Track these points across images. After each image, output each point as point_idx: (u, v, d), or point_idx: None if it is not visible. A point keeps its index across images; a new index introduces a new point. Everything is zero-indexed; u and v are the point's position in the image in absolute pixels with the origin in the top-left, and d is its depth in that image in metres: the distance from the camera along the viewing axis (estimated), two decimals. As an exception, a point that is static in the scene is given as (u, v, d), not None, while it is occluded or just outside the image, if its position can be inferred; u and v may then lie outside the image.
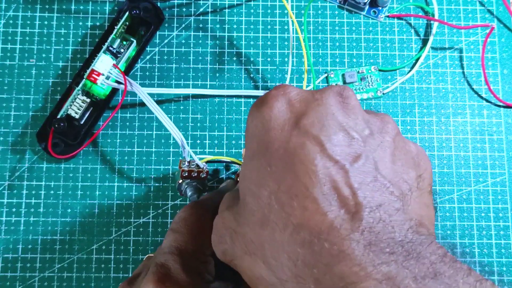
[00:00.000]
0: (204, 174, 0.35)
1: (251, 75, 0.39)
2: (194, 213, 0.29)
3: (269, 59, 0.39)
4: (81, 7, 0.40)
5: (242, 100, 0.39)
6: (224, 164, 0.38)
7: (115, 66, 0.35)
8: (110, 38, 0.36)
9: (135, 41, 0.37)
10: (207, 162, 0.36)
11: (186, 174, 0.35)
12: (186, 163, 0.34)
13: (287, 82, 0.38)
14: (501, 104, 0.39)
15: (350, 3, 0.40)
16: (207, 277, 0.27)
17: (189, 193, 0.35)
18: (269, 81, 0.39)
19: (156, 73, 0.39)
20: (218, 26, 0.40)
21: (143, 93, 0.34)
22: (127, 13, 0.36)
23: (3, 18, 0.39)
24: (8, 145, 0.38)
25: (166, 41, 0.39)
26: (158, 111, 0.34)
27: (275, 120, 0.22)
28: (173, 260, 0.26)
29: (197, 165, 0.35)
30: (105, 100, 0.37)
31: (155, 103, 0.34)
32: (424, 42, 0.40)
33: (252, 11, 0.40)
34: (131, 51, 0.37)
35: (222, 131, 0.38)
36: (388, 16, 0.40)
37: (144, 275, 0.27)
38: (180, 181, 0.35)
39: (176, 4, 0.40)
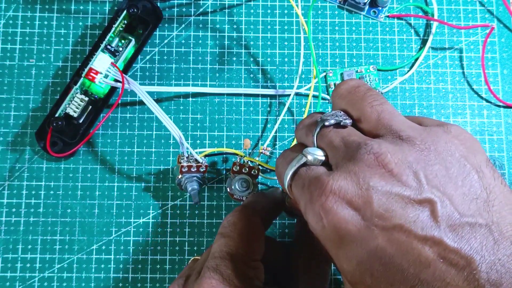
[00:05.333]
0: (203, 168, 0.35)
1: (251, 75, 0.39)
2: (243, 218, 0.28)
3: (269, 59, 0.39)
4: (81, 7, 0.40)
5: (242, 99, 0.39)
6: (223, 157, 0.38)
7: (113, 64, 0.35)
8: (108, 37, 0.36)
9: (133, 39, 0.37)
10: (206, 155, 0.36)
11: (186, 169, 0.35)
12: (185, 158, 0.34)
13: (296, 83, 0.38)
14: (501, 104, 0.39)
15: (350, 3, 0.40)
16: (257, 283, 0.27)
17: (189, 188, 0.35)
18: (269, 81, 0.39)
19: (156, 73, 0.39)
20: (218, 26, 0.40)
21: (141, 91, 0.34)
22: (125, 11, 0.36)
23: (3, 18, 0.39)
24: (8, 145, 0.38)
25: (166, 41, 0.39)
26: (155, 108, 0.34)
27: (349, 232, 0.21)
28: (225, 265, 0.26)
29: (196, 160, 0.35)
30: (104, 99, 0.37)
31: (152, 100, 0.34)
32: (424, 42, 0.40)
33: (252, 11, 0.40)
34: (129, 49, 0.37)
35: (222, 131, 0.38)
36: (388, 16, 0.40)
37: (195, 278, 0.27)
38: (180, 176, 0.35)
39: (176, 4, 0.40)
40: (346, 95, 0.25)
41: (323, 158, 0.24)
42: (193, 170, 0.35)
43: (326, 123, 0.24)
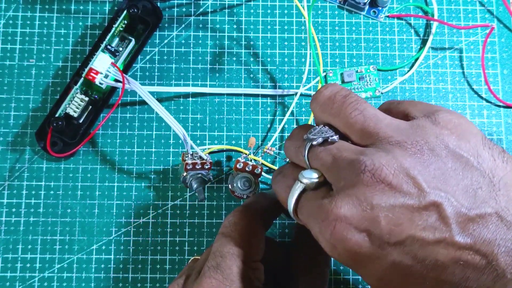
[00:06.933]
0: (208, 165, 0.35)
1: (251, 75, 0.39)
2: (244, 218, 0.28)
3: (269, 59, 0.39)
4: (81, 7, 0.40)
5: (242, 99, 0.39)
6: (226, 155, 0.38)
7: (113, 64, 0.35)
8: (108, 37, 0.36)
9: (133, 39, 0.37)
10: (210, 153, 0.36)
11: (191, 166, 0.35)
12: (189, 156, 0.35)
13: (303, 82, 0.38)
14: (501, 104, 0.39)
15: (350, 3, 0.40)
16: (257, 284, 0.27)
17: (194, 185, 0.35)
18: (269, 81, 0.39)
19: (156, 73, 0.39)
20: (218, 26, 0.40)
21: (142, 90, 0.34)
22: (125, 11, 0.36)
23: (3, 18, 0.39)
24: (8, 145, 0.38)
25: (166, 41, 0.39)
26: (158, 107, 0.34)
27: (364, 254, 0.21)
28: (225, 265, 0.26)
29: (200, 157, 0.35)
30: (104, 99, 0.37)
31: (154, 99, 0.34)
32: (424, 42, 0.40)
33: (252, 11, 0.40)
34: (129, 49, 0.37)
35: (222, 131, 0.38)
36: (388, 16, 0.40)
37: (195, 277, 0.27)
38: (184, 173, 0.35)
39: (176, 4, 0.40)
40: (325, 107, 0.25)
41: (319, 179, 0.24)
42: (197, 167, 0.35)
43: (314, 143, 0.24)
